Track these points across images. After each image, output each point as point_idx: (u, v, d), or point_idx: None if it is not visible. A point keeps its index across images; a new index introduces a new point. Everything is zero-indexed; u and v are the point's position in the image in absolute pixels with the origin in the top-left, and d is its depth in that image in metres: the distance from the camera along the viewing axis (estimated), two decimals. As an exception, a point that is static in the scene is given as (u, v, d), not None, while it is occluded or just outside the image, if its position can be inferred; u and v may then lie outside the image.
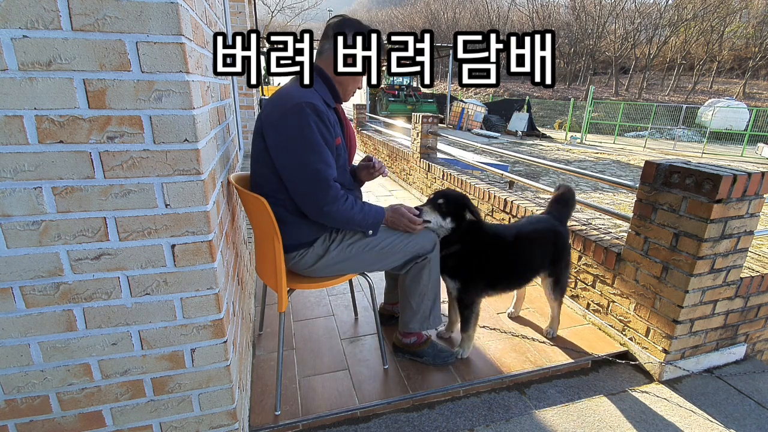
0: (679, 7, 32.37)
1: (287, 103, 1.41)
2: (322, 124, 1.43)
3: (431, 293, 1.76)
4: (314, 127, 1.41)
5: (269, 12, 35.94)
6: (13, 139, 0.83)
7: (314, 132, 1.41)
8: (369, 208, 1.58)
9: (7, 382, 0.99)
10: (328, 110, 1.49)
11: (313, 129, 1.41)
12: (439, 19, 52.30)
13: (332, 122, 1.50)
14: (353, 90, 1.62)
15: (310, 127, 1.40)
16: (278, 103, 1.44)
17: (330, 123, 1.47)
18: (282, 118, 1.41)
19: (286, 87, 1.51)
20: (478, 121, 18.89)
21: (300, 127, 1.40)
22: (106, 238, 0.94)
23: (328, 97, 1.53)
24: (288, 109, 1.40)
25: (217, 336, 1.11)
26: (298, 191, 1.47)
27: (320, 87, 1.51)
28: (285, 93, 1.46)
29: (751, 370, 1.92)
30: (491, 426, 1.57)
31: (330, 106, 1.52)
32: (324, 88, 1.52)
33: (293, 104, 1.40)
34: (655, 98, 29.67)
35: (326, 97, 1.51)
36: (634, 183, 1.99)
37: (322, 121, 1.43)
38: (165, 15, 0.84)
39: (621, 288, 2.01)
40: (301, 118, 1.39)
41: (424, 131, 4.51)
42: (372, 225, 1.59)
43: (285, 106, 1.41)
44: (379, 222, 1.61)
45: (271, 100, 1.49)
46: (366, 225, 1.57)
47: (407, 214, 1.65)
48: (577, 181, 9.48)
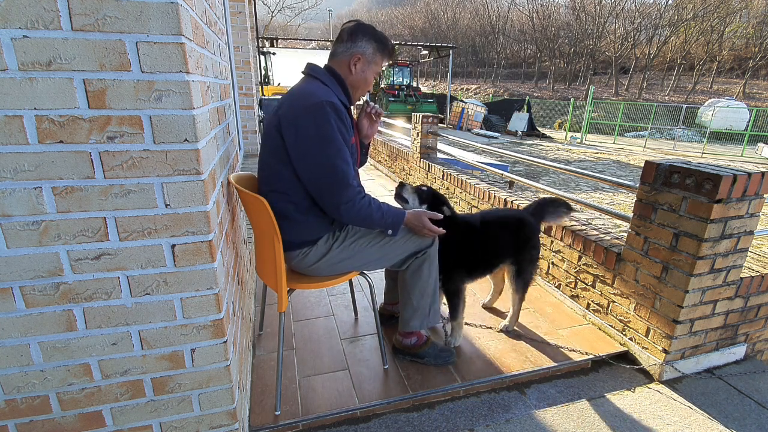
0: (679, 7, 32.38)
1: (307, 101, 1.43)
2: (341, 123, 1.45)
3: (431, 289, 1.77)
4: (334, 125, 1.43)
5: (269, 12, 35.95)
6: (13, 139, 0.83)
7: (334, 130, 1.43)
8: (388, 209, 1.58)
9: (7, 382, 0.99)
10: (344, 108, 1.51)
11: (333, 127, 1.42)
12: (439, 19, 52.30)
13: (348, 121, 1.52)
14: (363, 92, 1.64)
15: (331, 125, 1.42)
16: (298, 102, 1.45)
17: (347, 122, 1.50)
18: (302, 116, 1.42)
19: (304, 86, 1.52)
20: (478, 121, 18.89)
21: (320, 125, 1.41)
22: (106, 238, 0.94)
23: (343, 97, 1.55)
24: (308, 107, 1.42)
25: (217, 336, 1.11)
26: (317, 189, 1.48)
27: (335, 87, 1.53)
28: (304, 91, 1.47)
29: (751, 370, 1.92)
30: (491, 426, 1.57)
31: (345, 106, 1.54)
32: (339, 88, 1.55)
33: (314, 102, 1.41)
34: (655, 98, 29.68)
35: (341, 97, 1.54)
36: (634, 183, 1.99)
37: (341, 120, 1.45)
38: (165, 15, 0.84)
39: (621, 288, 2.01)
40: (322, 116, 1.41)
41: (424, 131, 4.51)
42: (391, 225, 1.59)
43: (305, 105, 1.42)
44: (400, 222, 1.60)
45: (290, 98, 1.49)
46: (385, 224, 1.58)
47: (428, 222, 1.64)
48: (577, 181, 9.48)
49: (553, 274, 2.49)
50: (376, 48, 1.56)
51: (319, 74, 1.54)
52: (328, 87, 1.51)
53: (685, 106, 17.78)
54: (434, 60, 27.33)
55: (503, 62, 47.91)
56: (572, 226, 2.34)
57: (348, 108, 1.58)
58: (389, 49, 1.60)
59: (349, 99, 1.60)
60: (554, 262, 2.47)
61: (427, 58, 24.61)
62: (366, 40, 1.54)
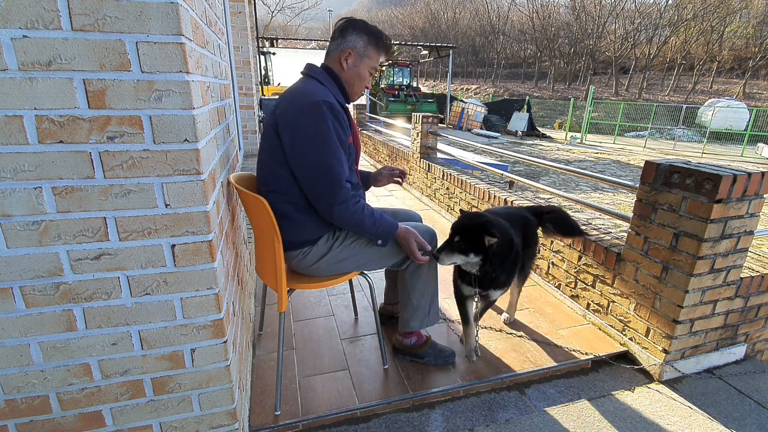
0: (679, 7, 32.39)
1: (304, 101, 1.42)
2: (338, 123, 1.45)
3: (431, 289, 1.77)
4: (330, 125, 1.42)
5: (269, 12, 35.95)
6: (13, 139, 0.83)
7: (330, 130, 1.43)
8: (381, 219, 1.57)
9: (7, 382, 0.99)
10: (341, 108, 1.51)
11: (329, 127, 1.42)
12: (439, 19, 52.30)
13: (345, 121, 1.51)
14: (360, 90, 1.62)
15: (327, 125, 1.42)
16: (295, 101, 1.45)
17: (344, 122, 1.49)
18: (299, 115, 1.42)
19: (301, 85, 1.51)
20: (478, 121, 18.89)
21: (317, 125, 1.41)
22: (106, 238, 0.94)
23: (340, 96, 1.55)
24: (305, 107, 1.41)
25: (217, 336, 1.11)
26: (312, 188, 1.48)
27: (332, 86, 1.53)
28: (301, 91, 1.47)
29: (751, 370, 1.92)
30: (491, 426, 1.57)
31: (342, 105, 1.54)
32: (335, 87, 1.54)
33: (311, 102, 1.41)
34: (655, 98, 29.69)
35: (338, 97, 1.53)
36: (634, 183, 1.99)
37: (337, 120, 1.45)
38: (165, 15, 0.84)
39: (621, 288, 2.01)
40: (319, 117, 1.41)
41: (424, 131, 4.51)
42: (382, 235, 1.57)
43: (302, 104, 1.42)
44: (391, 235, 1.58)
45: (287, 97, 1.49)
46: (376, 234, 1.56)
47: (418, 240, 1.61)
48: (577, 181, 9.48)
49: (553, 274, 2.49)
50: (368, 41, 1.53)
51: (316, 74, 1.54)
52: (325, 86, 1.51)
53: (685, 106, 17.78)
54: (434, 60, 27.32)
55: (503, 62, 47.90)
56: (572, 226, 2.34)
57: (345, 107, 1.57)
58: (383, 42, 1.56)
59: (346, 97, 1.59)
60: (554, 262, 2.47)
61: (427, 58, 24.59)
62: (356, 34, 1.52)
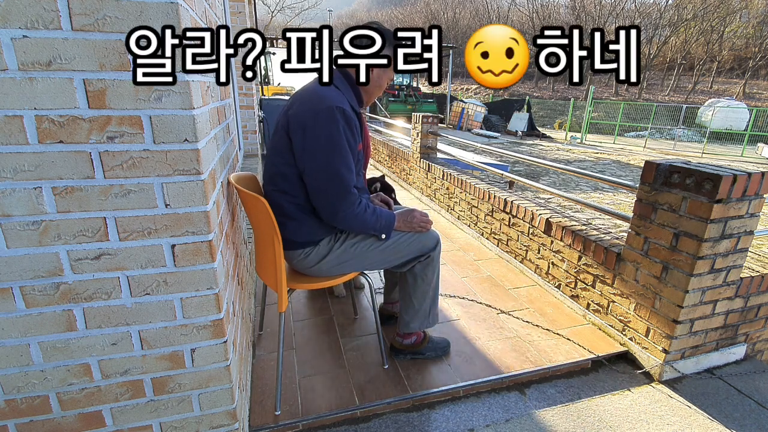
0: (679, 7, 32.39)
1: (318, 105, 1.41)
2: (349, 130, 1.45)
3: (432, 292, 1.77)
4: (342, 132, 1.42)
5: (269, 12, 35.96)
6: (13, 139, 0.83)
7: (341, 137, 1.42)
8: (381, 212, 1.58)
9: (7, 382, 0.99)
10: (354, 115, 1.50)
11: (341, 134, 1.42)
12: (438, 19, 52.27)
13: (357, 128, 1.51)
14: (376, 95, 1.63)
15: (339, 131, 1.41)
16: (308, 104, 1.44)
17: (356, 128, 1.48)
18: (311, 119, 1.41)
19: (316, 87, 1.48)
20: (478, 121, 18.89)
21: (329, 131, 1.40)
22: (106, 238, 0.94)
23: (354, 101, 1.54)
24: (318, 111, 1.41)
25: (217, 336, 1.11)
26: (318, 193, 1.48)
27: (347, 92, 1.52)
28: (315, 94, 1.46)
29: (751, 370, 1.91)
30: (491, 426, 1.57)
31: (356, 110, 1.53)
32: (351, 93, 1.53)
33: (325, 107, 1.40)
34: (655, 98, 29.69)
35: (353, 102, 1.52)
36: (634, 183, 1.99)
37: (349, 127, 1.44)
38: (165, 15, 0.84)
39: (621, 288, 2.01)
40: (332, 123, 1.40)
41: (424, 131, 4.51)
42: (385, 228, 1.58)
43: (315, 108, 1.41)
44: (392, 225, 1.60)
45: (301, 99, 1.48)
46: (379, 229, 1.57)
47: (418, 215, 1.67)
48: (577, 181, 9.48)
49: (553, 274, 2.49)
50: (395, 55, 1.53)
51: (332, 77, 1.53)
52: (341, 91, 1.49)
53: (685, 106, 17.78)
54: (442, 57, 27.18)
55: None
56: (572, 226, 2.34)
57: (358, 114, 1.56)
58: None
59: (361, 103, 1.59)
60: (554, 262, 2.47)
61: (427, 58, 24.50)
62: (387, 47, 1.50)
